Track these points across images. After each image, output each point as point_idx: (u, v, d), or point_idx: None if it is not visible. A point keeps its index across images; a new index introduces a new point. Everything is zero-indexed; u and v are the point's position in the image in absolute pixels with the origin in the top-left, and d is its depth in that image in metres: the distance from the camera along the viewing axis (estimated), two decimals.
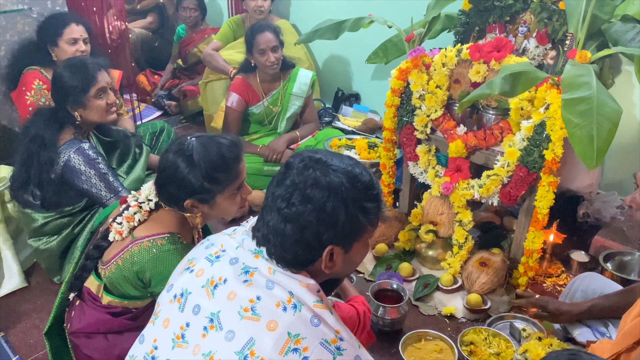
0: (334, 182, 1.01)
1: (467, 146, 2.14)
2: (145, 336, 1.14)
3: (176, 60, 4.21)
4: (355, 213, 1.03)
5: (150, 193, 1.56)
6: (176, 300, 1.10)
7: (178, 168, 1.48)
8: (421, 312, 2.12)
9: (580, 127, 1.58)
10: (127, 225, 1.53)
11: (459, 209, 2.22)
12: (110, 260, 1.53)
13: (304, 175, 1.02)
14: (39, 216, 2.11)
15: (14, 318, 2.10)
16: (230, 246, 1.12)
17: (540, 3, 2.15)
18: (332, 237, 1.02)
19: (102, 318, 1.56)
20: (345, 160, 1.07)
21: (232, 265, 1.07)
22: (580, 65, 1.82)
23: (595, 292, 1.82)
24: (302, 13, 3.75)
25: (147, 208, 1.55)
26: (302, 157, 1.07)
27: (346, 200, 1.01)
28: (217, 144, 1.51)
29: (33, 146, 2.02)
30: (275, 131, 3.16)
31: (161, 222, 1.55)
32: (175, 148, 1.51)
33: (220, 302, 1.03)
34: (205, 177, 1.48)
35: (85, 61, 2.11)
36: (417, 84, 2.21)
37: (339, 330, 1.00)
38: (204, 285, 1.07)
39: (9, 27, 2.87)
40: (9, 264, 2.26)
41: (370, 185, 1.06)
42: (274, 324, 0.96)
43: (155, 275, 1.47)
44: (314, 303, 1.00)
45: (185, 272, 1.14)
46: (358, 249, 1.10)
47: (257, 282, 1.02)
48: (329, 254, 1.04)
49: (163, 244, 1.48)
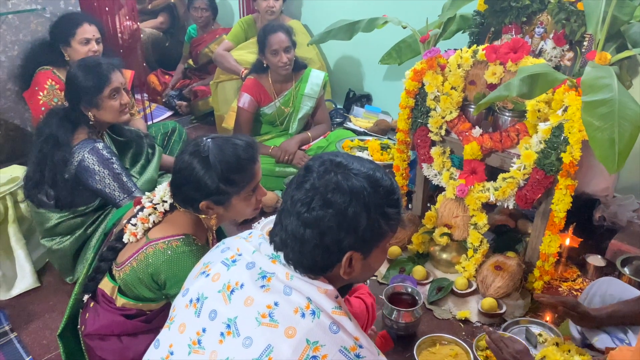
0: (356, 186, 0.99)
1: (483, 148, 2.12)
2: (161, 341, 1.13)
3: (187, 61, 4.22)
4: (376, 218, 1.01)
5: (165, 194, 1.55)
6: (192, 305, 1.09)
7: (194, 169, 1.47)
8: (435, 315, 2.09)
9: (601, 130, 1.55)
10: (142, 226, 1.52)
11: (474, 211, 2.19)
12: (125, 262, 1.52)
13: (324, 179, 1.00)
14: (52, 216, 2.11)
15: (26, 318, 2.10)
16: (247, 250, 1.10)
17: (558, 4, 2.12)
18: (352, 243, 1.01)
19: (117, 320, 1.55)
20: (366, 164, 1.05)
21: (248, 270, 1.06)
22: (600, 67, 1.79)
23: (613, 297, 1.79)
24: (314, 13, 3.74)
25: (161, 209, 1.54)
26: (323, 160, 1.05)
27: (368, 205, 0.99)
28: (233, 145, 1.50)
29: (47, 146, 2.02)
30: (286, 132, 3.15)
31: (176, 224, 1.54)
32: (191, 149, 1.50)
33: (237, 308, 1.02)
34: (221, 179, 1.47)
35: (99, 61, 2.11)
36: (432, 85, 2.19)
37: (358, 337, 0.98)
38: (221, 290, 1.06)
39: (22, 27, 2.87)
40: (21, 264, 2.26)
41: (391, 190, 1.04)
42: (292, 330, 0.95)
43: (170, 277, 1.46)
44: (333, 309, 0.99)
45: (200, 277, 1.12)
46: (377, 255, 1.08)
47: (274, 288, 1.01)
48: (348, 259, 1.02)
49: (178, 246, 1.47)
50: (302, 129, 3.16)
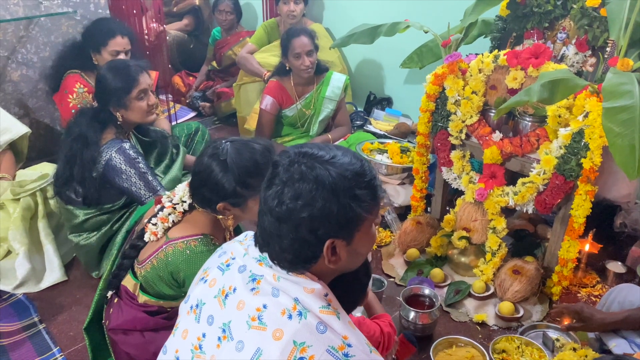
0: (320, 174, 0.98)
1: (503, 153, 2.13)
2: (168, 347, 1.17)
3: (211, 62, 4.29)
4: (347, 203, 0.99)
5: (185, 194, 1.59)
6: (192, 311, 1.12)
7: (212, 172, 1.50)
8: (452, 318, 2.11)
9: (621, 136, 1.55)
10: (162, 226, 1.56)
11: (492, 215, 2.20)
12: (146, 259, 1.57)
13: (290, 172, 1.00)
14: (80, 212, 2.18)
15: (54, 310, 2.18)
16: (239, 253, 1.12)
17: (581, 9, 2.12)
18: (328, 231, 1.00)
19: (139, 316, 1.60)
20: (333, 150, 1.04)
21: (240, 273, 1.08)
22: (622, 73, 1.79)
23: (632, 304, 1.78)
24: (336, 17, 3.78)
25: (180, 209, 1.58)
26: (288, 153, 1.04)
27: (336, 190, 0.98)
28: (251, 149, 1.53)
29: (76, 145, 2.09)
30: (307, 134, 3.19)
31: (194, 224, 1.58)
32: (210, 152, 1.53)
33: (231, 312, 1.03)
34: (237, 182, 1.50)
35: (127, 64, 2.18)
36: (452, 89, 2.21)
37: (347, 335, 0.98)
38: (216, 296, 1.08)
39: (54, 29, 2.97)
40: (50, 258, 2.34)
41: (361, 173, 1.02)
42: (279, 332, 0.96)
43: (189, 275, 1.50)
44: (320, 309, 0.99)
45: (200, 283, 1.15)
46: (361, 239, 1.05)
47: (263, 290, 1.02)
48: (329, 248, 1.01)
49: (196, 246, 1.51)
50: (323, 131, 3.20)
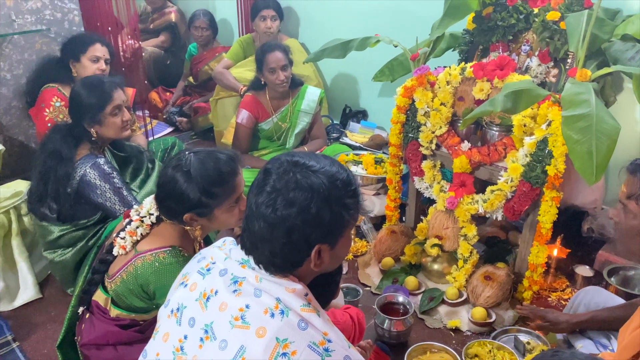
0: (315, 183, 1.04)
1: (472, 162, 2.19)
2: (148, 351, 1.18)
3: (187, 78, 4.31)
4: (338, 210, 1.06)
5: (152, 207, 1.60)
6: (173, 315, 1.15)
7: (177, 183, 1.52)
8: (427, 325, 2.15)
9: (580, 144, 1.63)
10: (130, 239, 1.57)
11: (463, 223, 2.26)
12: (116, 273, 1.57)
13: (284, 180, 1.04)
14: (54, 229, 2.18)
15: (28, 328, 2.16)
16: (219, 258, 1.16)
17: (542, 23, 2.20)
18: (319, 237, 1.05)
19: (111, 330, 1.60)
20: (322, 160, 1.10)
21: (221, 276, 1.11)
22: (580, 83, 1.86)
23: (598, 306, 1.84)
24: (311, 32, 3.84)
25: (148, 222, 1.59)
26: (280, 161, 1.09)
27: (329, 199, 1.04)
28: (214, 159, 1.55)
29: (50, 161, 2.09)
30: (284, 147, 3.22)
31: (163, 236, 1.59)
32: (174, 163, 1.55)
33: (213, 313, 1.07)
34: (202, 192, 1.51)
35: (102, 80, 2.19)
36: (422, 101, 2.27)
37: (327, 332, 1.02)
38: (198, 299, 1.11)
39: (27, 47, 2.97)
40: (24, 276, 2.32)
41: (348, 182, 1.09)
42: (262, 330, 0.99)
43: (159, 287, 1.52)
44: (301, 307, 1.03)
45: (180, 287, 1.18)
46: (343, 243, 1.13)
47: (245, 291, 1.06)
48: (317, 252, 1.07)
49: (165, 257, 1.52)
50: (299, 144, 3.24)
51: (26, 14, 2.90)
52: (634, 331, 1.37)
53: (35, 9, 2.93)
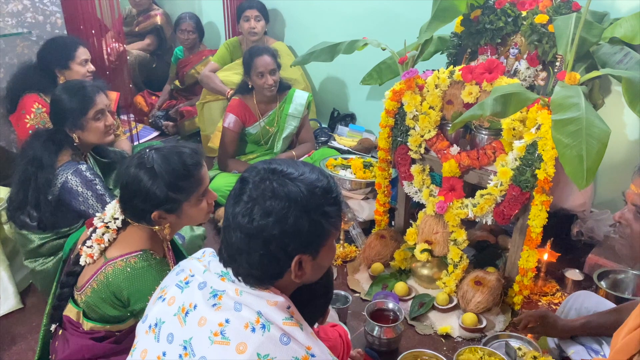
0: (293, 191, 1.00)
1: (461, 166, 2.17)
2: None
3: (174, 82, 4.26)
4: (318, 219, 1.01)
5: (116, 211, 1.55)
6: (151, 330, 1.11)
7: (141, 181, 1.48)
8: (417, 331, 2.12)
9: (570, 147, 1.61)
10: (98, 247, 1.52)
11: (453, 228, 2.24)
12: (85, 284, 1.52)
13: (261, 189, 1.00)
14: (35, 237, 2.12)
15: (9, 340, 2.10)
16: (198, 270, 1.12)
17: (531, 26, 2.19)
18: (298, 247, 1.01)
19: (86, 344, 1.54)
20: (301, 167, 1.06)
21: (200, 290, 1.07)
22: (569, 86, 1.85)
23: (589, 310, 1.83)
24: (297, 35, 3.81)
25: (114, 227, 1.54)
26: (257, 169, 1.05)
27: (307, 207, 1.00)
28: (178, 153, 1.53)
29: (31, 168, 2.03)
30: (271, 151, 3.19)
31: (132, 240, 1.54)
32: (136, 162, 1.51)
33: (192, 329, 1.03)
34: (169, 187, 1.48)
35: (83, 84, 2.14)
36: (410, 104, 2.25)
37: (310, 346, 0.99)
38: (176, 314, 1.07)
39: (8, 50, 2.91)
40: (5, 286, 2.25)
41: (328, 189, 1.04)
42: (243, 346, 0.96)
43: (132, 293, 1.47)
44: (283, 320, 1.00)
45: (158, 302, 1.14)
46: (325, 253, 1.08)
47: (225, 305, 1.02)
48: (297, 263, 1.03)
49: (136, 262, 1.48)
50: (286, 148, 3.21)
51: (7, 16, 2.84)
52: (625, 337, 1.35)
53: (16, 11, 2.87)
